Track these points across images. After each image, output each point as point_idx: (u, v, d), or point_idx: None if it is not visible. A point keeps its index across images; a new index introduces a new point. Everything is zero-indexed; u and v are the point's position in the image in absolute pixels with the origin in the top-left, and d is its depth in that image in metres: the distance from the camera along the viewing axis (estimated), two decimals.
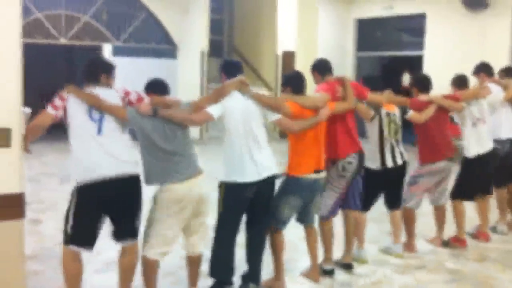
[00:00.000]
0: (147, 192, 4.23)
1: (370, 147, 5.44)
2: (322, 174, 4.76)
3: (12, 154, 3.70)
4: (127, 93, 4.14)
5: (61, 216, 6.62)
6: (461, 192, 6.08)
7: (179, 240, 4.31)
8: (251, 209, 4.50)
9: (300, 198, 4.69)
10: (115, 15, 13.32)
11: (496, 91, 6.28)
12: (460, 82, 6.06)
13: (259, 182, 4.38)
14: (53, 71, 16.57)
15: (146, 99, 4.14)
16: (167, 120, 4.07)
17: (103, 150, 3.97)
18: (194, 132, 3.84)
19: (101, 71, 4.19)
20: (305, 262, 5.15)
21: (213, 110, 4.21)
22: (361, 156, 5.10)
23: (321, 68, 5.22)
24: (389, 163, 5.43)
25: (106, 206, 4.04)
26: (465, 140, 6.04)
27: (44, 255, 5.53)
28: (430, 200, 6.00)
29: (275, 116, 4.49)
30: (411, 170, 5.81)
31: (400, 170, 5.56)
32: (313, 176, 4.67)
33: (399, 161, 5.48)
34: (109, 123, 4.03)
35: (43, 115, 3.97)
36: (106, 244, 4.36)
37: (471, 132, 5.99)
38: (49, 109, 3.97)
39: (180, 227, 4.19)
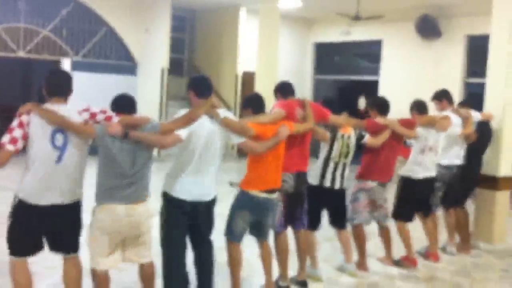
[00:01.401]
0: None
1: (318, 164, 5.56)
2: (274, 195, 4.86)
3: None
4: (93, 115, 4.02)
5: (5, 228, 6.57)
6: (399, 213, 6.23)
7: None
8: (192, 227, 4.55)
9: (251, 214, 4.79)
10: (75, 30, 13.25)
11: (455, 123, 6.46)
12: (419, 107, 6.24)
13: (195, 204, 4.43)
14: (11, 84, 16.35)
15: (114, 118, 4.06)
16: (136, 142, 4.05)
17: (58, 180, 3.93)
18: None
19: (69, 87, 4.07)
20: (260, 279, 5.21)
21: (182, 133, 4.23)
22: (299, 176, 5.20)
23: (284, 90, 5.38)
24: (327, 183, 5.52)
25: (45, 227, 4.01)
26: (408, 161, 6.22)
27: (4, 268, 5.43)
28: (375, 219, 6.07)
29: (239, 139, 4.59)
30: (351, 188, 5.94)
31: (337, 196, 5.64)
32: (264, 195, 4.76)
33: (337, 185, 5.56)
34: (71, 151, 3.95)
35: (2, 153, 3.81)
36: (59, 261, 4.34)
37: (417, 158, 6.16)
38: (8, 146, 3.80)
39: (117, 243, 4.15)
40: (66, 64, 13.09)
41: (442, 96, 6.70)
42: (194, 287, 4.72)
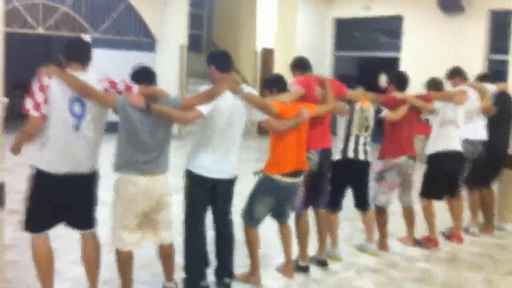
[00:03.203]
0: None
1: (339, 139, 5.51)
2: (299, 178, 4.82)
3: None
4: (113, 83, 4.00)
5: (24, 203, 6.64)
6: (427, 190, 6.17)
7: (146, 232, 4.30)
8: (214, 205, 4.59)
9: (274, 198, 4.77)
10: (94, 6, 13.23)
11: (473, 98, 6.36)
12: (434, 85, 6.15)
13: (218, 180, 4.46)
14: (30, 61, 16.37)
15: (135, 88, 4.03)
16: (156, 115, 4.03)
17: (75, 149, 3.93)
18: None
19: (88, 53, 4.05)
20: (280, 258, 5.21)
21: (204, 109, 4.19)
22: (323, 153, 5.15)
23: (302, 65, 5.31)
24: (350, 154, 5.47)
25: (61, 198, 4.02)
26: (431, 138, 6.15)
27: (22, 245, 5.46)
28: (399, 200, 6.07)
29: (263, 117, 4.56)
30: (375, 167, 5.87)
31: (362, 167, 5.58)
32: (290, 179, 4.72)
33: (361, 156, 5.50)
34: (88, 120, 3.94)
35: (30, 121, 3.83)
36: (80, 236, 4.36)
37: (439, 132, 6.09)
38: (33, 113, 3.79)
39: (139, 219, 4.16)
40: None
41: (455, 74, 6.63)
42: (213, 266, 4.74)
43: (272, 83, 4.94)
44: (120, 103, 3.99)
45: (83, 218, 4.15)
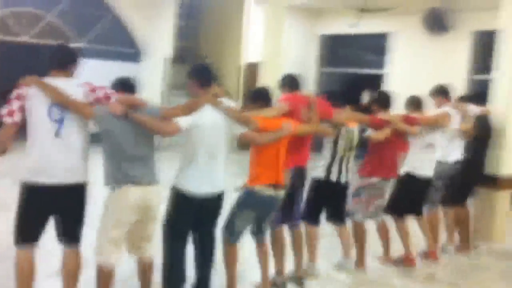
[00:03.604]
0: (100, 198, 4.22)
1: (324, 158, 5.51)
2: (280, 192, 4.80)
3: None
4: (93, 89, 3.99)
5: (13, 217, 6.55)
6: (393, 207, 6.14)
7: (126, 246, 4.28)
8: (199, 221, 4.52)
9: (254, 212, 4.75)
10: (80, 16, 13.18)
11: (455, 120, 6.40)
12: (415, 104, 6.18)
13: (206, 197, 4.40)
14: (13, 69, 16.27)
15: (114, 97, 4.03)
16: (136, 123, 4.03)
17: (57, 155, 3.91)
18: None
19: (72, 60, 4.06)
20: (256, 274, 5.18)
21: (183, 122, 4.17)
22: (299, 171, 5.16)
23: (290, 83, 5.36)
24: (333, 177, 5.48)
25: (51, 209, 4.01)
26: (410, 159, 6.15)
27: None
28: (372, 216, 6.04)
29: (241, 130, 4.53)
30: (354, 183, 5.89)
31: (342, 189, 5.62)
32: (271, 192, 4.71)
33: (343, 179, 5.53)
34: (69, 125, 3.93)
35: (4, 128, 3.82)
36: (59, 248, 4.31)
37: (418, 155, 6.10)
38: (7, 119, 3.79)
39: (128, 230, 4.14)
40: None
41: (438, 93, 6.62)
42: (190, 283, 4.69)
43: (257, 96, 4.93)
44: (98, 114, 3.98)
45: (69, 233, 4.11)
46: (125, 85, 4.24)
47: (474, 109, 6.76)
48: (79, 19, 13.19)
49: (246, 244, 5.08)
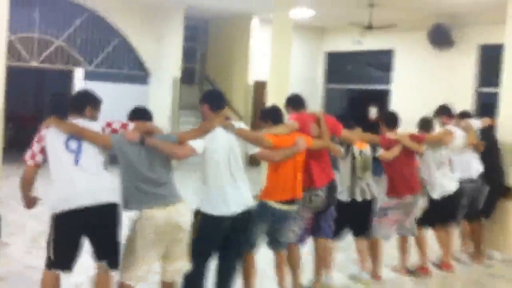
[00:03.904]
0: (124, 218, 4.27)
1: (340, 180, 5.57)
2: (294, 207, 4.86)
3: None
4: (108, 124, 4.19)
5: (28, 238, 6.64)
6: (425, 220, 6.27)
7: (154, 267, 4.29)
8: (225, 238, 4.54)
9: (266, 224, 4.80)
10: (88, 40, 13.34)
11: (459, 136, 6.48)
12: (426, 125, 6.32)
13: (235, 216, 4.43)
14: (24, 94, 16.49)
15: (131, 125, 4.19)
16: (152, 148, 4.12)
17: (81, 180, 4.01)
18: None
19: (87, 103, 4.28)
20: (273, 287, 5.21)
21: (197, 144, 4.27)
22: (330, 189, 5.23)
23: (296, 103, 5.41)
24: (358, 197, 5.58)
25: (84, 232, 4.08)
26: (431, 182, 6.23)
27: (13, 278, 5.49)
28: (397, 232, 6.12)
29: (255, 149, 4.61)
30: (380, 202, 5.96)
31: (368, 206, 5.71)
32: (285, 207, 4.77)
33: (368, 197, 5.63)
34: (87, 154, 4.06)
35: (26, 169, 4.12)
36: (77, 267, 4.36)
37: (436, 175, 6.19)
38: (29, 161, 4.09)
39: (159, 254, 4.19)
40: (79, 74, 13.18)
41: (441, 113, 6.74)
42: None
43: (267, 115, 5.01)
44: (115, 141, 4.11)
45: (108, 252, 4.17)
46: (140, 114, 4.41)
47: (476, 123, 6.85)
48: (87, 44, 13.35)
49: (264, 257, 5.11)
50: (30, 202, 4.28)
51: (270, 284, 5.33)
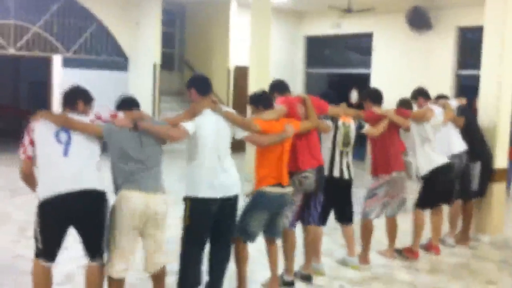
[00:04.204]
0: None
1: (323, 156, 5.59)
2: (288, 189, 4.89)
3: None
4: (98, 117, 4.22)
5: (16, 228, 6.58)
6: (424, 202, 6.33)
7: (136, 253, 4.29)
8: (215, 224, 4.58)
9: (267, 212, 4.82)
10: (65, 26, 13.15)
11: (438, 112, 6.55)
12: (405, 105, 6.35)
13: (223, 199, 4.48)
14: (1, 82, 16.23)
15: (120, 114, 4.22)
16: (144, 132, 4.15)
17: (68, 169, 4.02)
18: None
19: (78, 97, 4.28)
20: (265, 273, 5.25)
21: (189, 126, 4.32)
22: (319, 171, 5.26)
23: (281, 87, 5.45)
24: (336, 173, 5.61)
25: (69, 219, 4.06)
26: (417, 159, 6.31)
27: (2, 267, 5.45)
28: (387, 212, 6.17)
29: (243, 133, 4.65)
30: (368, 184, 6.01)
31: (346, 186, 5.74)
32: (280, 190, 4.80)
33: (346, 175, 5.65)
34: (77, 146, 4.07)
35: (22, 163, 4.13)
36: (66, 257, 4.36)
37: (422, 151, 6.27)
38: (21, 156, 4.10)
39: (135, 242, 4.20)
40: (57, 61, 13.02)
41: (417, 94, 6.80)
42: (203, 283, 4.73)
43: (259, 100, 5.02)
44: (105, 129, 4.13)
45: (90, 245, 4.15)
46: (129, 103, 4.41)
47: (452, 102, 6.99)
48: (64, 30, 13.16)
49: (255, 244, 5.13)
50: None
51: (262, 270, 5.36)
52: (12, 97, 17.01)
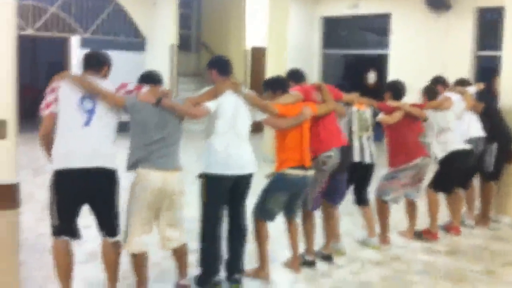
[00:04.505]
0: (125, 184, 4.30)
1: None
2: (310, 172, 4.91)
3: (7, 145, 3.71)
4: (123, 85, 4.19)
5: (39, 207, 6.67)
6: (439, 185, 6.32)
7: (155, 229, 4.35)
8: (230, 201, 4.69)
9: (287, 193, 4.86)
10: (83, 7, 13.21)
11: (457, 101, 6.53)
12: (431, 93, 6.34)
13: (238, 176, 4.57)
14: (19, 62, 16.30)
15: (144, 88, 4.22)
16: (166, 110, 4.17)
17: (87, 142, 4.01)
18: None
19: (106, 63, 4.27)
20: (285, 253, 5.30)
21: (210, 105, 4.39)
22: (343, 150, 5.27)
23: (297, 76, 5.47)
24: (356, 158, 5.63)
25: (83, 195, 4.09)
26: (433, 147, 6.32)
27: (27, 246, 5.51)
28: (405, 194, 6.19)
29: (262, 116, 4.71)
30: (388, 168, 6.03)
31: (367, 170, 5.78)
32: (301, 172, 4.82)
33: (367, 159, 5.69)
34: (99, 115, 4.05)
35: (43, 120, 4.04)
36: (88, 235, 4.42)
37: (438, 140, 6.27)
38: (45, 112, 4.02)
39: (152, 218, 4.24)
40: (75, 42, 13.07)
41: (436, 83, 6.76)
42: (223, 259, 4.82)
43: (276, 85, 5.04)
44: (129, 102, 4.13)
45: (105, 222, 4.18)
46: (153, 78, 4.45)
47: (471, 89, 6.93)
48: (81, 11, 13.21)
49: (276, 224, 5.18)
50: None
51: (283, 250, 5.41)
52: (30, 77, 17.12)
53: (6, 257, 3.77)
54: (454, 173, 6.34)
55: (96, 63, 4.23)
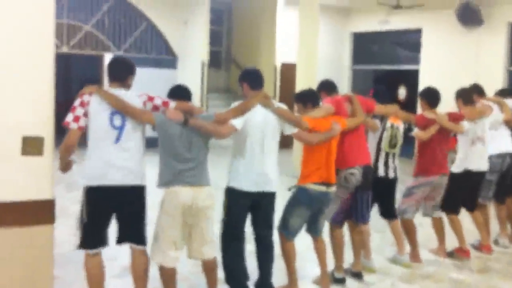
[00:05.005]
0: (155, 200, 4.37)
1: None
2: (332, 188, 4.92)
3: (44, 162, 3.77)
4: (150, 98, 4.22)
5: (72, 221, 6.74)
6: (446, 204, 6.20)
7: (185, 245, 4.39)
8: (254, 219, 4.71)
9: (309, 208, 4.86)
10: (116, 25, 13.45)
11: (496, 109, 6.47)
12: (466, 96, 6.24)
13: (259, 194, 4.56)
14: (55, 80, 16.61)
15: (172, 104, 4.24)
16: (193, 128, 4.20)
17: (116, 160, 4.07)
18: None
19: (130, 72, 4.25)
20: (314, 270, 5.30)
21: (237, 122, 4.38)
22: (366, 169, 5.25)
23: (329, 87, 5.48)
24: (381, 173, 5.62)
25: (114, 209, 4.18)
26: (459, 155, 6.23)
27: (61, 260, 5.60)
28: (422, 212, 6.16)
29: (292, 130, 4.70)
30: (408, 182, 6.00)
31: (390, 184, 5.76)
32: (323, 188, 4.82)
33: (391, 174, 5.67)
34: (128, 133, 4.11)
35: (70, 133, 4.04)
36: (123, 249, 4.48)
37: (468, 150, 6.17)
38: (72, 125, 4.02)
39: (184, 232, 4.28)
40: (108, 59, 13.29)
41: (473, 90, 6.62)
42: (253, 278, 4.83)
43: (307, 98, 5.06)
44: (158, 119, 4.17)
45: (134, 232, 4.25)
46: (181, 93, 4.44)
47: (510, 102, 6.82)
48: (115, 29, 13.46)
49: (303, 240, 5.18)
50: (66, 166, 4.21)
51: (311, 266, 5.41)
52: (63, 94, 17.42)
53: (41, 271, 3.84)
54: (459, 194, 6.24)
55: (121, 75, 4.21)
